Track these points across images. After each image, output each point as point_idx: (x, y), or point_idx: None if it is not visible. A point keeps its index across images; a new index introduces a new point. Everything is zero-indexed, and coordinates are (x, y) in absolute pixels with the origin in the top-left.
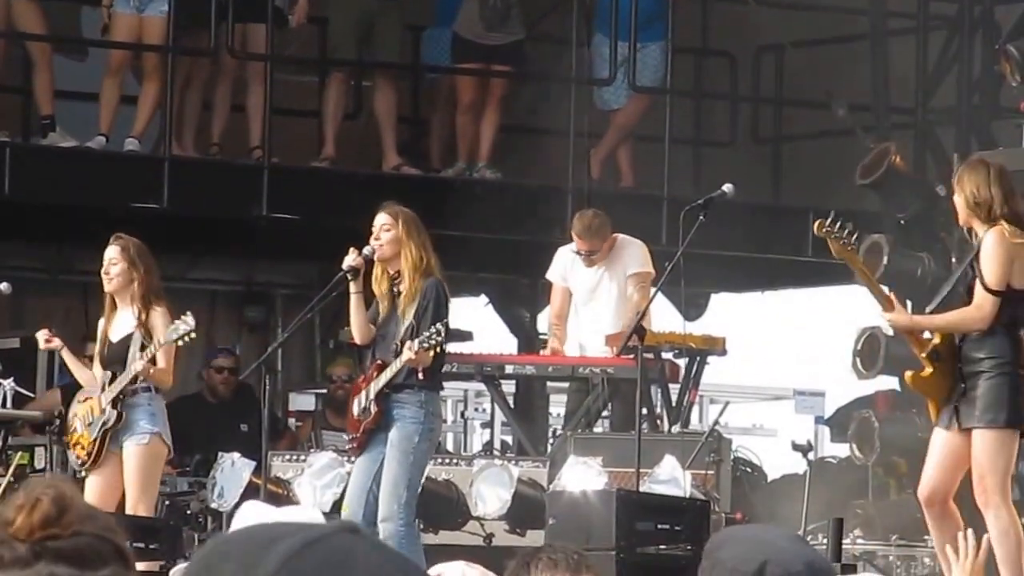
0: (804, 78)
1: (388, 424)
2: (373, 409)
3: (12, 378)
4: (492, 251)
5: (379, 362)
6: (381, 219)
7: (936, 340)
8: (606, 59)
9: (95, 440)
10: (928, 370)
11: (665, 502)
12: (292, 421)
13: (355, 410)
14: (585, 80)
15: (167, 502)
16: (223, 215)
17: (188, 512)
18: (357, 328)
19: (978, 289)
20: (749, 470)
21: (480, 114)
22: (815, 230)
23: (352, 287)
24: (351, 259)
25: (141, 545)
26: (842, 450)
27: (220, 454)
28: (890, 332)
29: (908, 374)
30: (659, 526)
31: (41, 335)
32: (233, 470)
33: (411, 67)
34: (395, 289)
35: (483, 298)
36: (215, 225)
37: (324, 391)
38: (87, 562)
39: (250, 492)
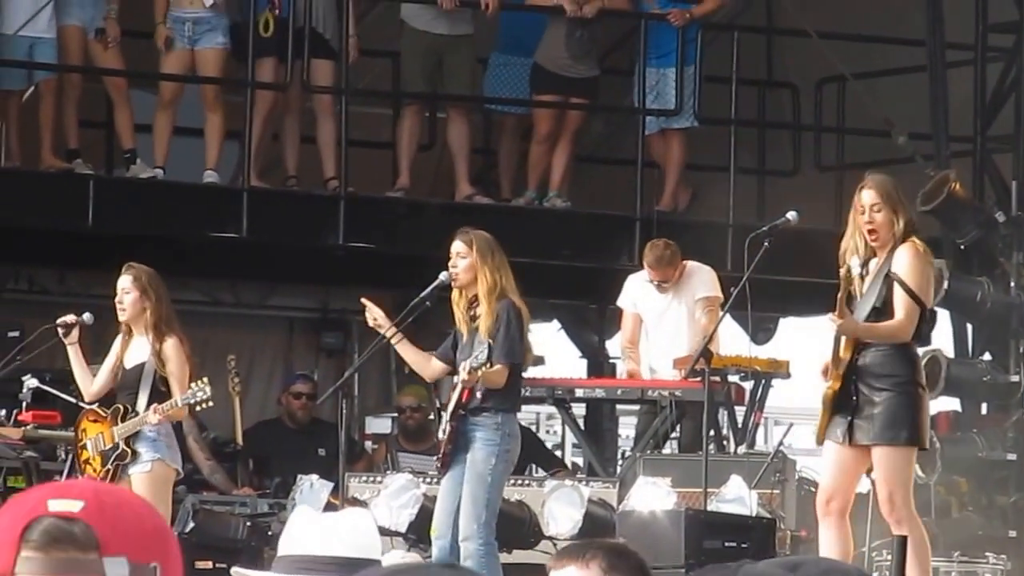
0: (865, 108)
1: (467, 446)
2: (449, 431)
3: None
4: (561, 277)
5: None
6: (456, 246)
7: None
8: (653, 88)
9: (107, 470)
10: (837, 384)
11: (732, 520)
12: (368, 444)
13: (439, 433)
14: (652, 111)
15: (248, 523)
16: (300, 244)
17: (269, 533)
18: (418, 368)
19: (908, 303)
20: (813, 489)
21: (554, 144)
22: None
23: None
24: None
25: (224, 565)
26: None
27: (299, 476)
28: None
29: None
30: (726, 544)
31: (68, 317)
32: (312, 491)
33: (484, 100)
34: (472, 313)
35: (555, 323)
36: (293, 254)
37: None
38: None
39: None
